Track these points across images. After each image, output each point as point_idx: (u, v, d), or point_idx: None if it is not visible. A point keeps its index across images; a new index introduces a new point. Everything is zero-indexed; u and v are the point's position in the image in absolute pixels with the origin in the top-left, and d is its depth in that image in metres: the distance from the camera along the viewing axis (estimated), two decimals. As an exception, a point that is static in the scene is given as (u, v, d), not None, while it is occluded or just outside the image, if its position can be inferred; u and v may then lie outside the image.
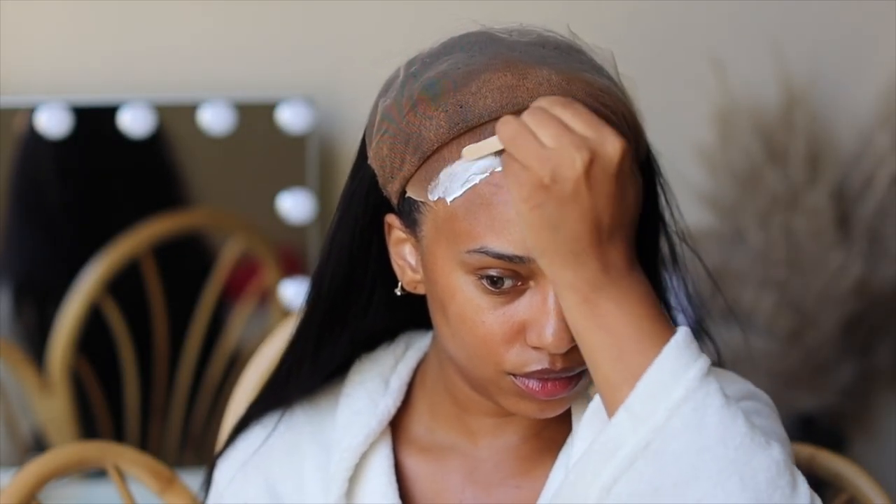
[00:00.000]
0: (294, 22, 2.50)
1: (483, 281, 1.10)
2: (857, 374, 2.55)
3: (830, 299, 2.48)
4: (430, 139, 1.12)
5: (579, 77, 1.11)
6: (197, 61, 2.48)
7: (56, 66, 2.44)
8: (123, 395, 2.46)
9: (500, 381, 1.13)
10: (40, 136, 2.38)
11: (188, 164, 2.47)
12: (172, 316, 2.46)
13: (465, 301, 1.12)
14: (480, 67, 1.11)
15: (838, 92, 2.63)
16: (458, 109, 1.10)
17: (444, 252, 1.12)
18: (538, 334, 1.10)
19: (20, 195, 2.42)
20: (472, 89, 1.10)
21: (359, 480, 1.23)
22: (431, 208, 1.12)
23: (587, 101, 1.09)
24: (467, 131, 1.10)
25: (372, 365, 1.27)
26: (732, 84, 2.53)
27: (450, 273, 1.12)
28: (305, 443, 1.27)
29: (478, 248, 1.10)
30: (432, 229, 1.13)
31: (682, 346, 1.04)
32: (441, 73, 1.13)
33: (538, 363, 1.11)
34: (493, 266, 1.09)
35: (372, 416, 1.23)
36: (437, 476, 1.23)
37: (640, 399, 1.03)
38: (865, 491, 1.40)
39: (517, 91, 1.10)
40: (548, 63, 1.11)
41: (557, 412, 1.15)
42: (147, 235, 2.43)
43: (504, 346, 1.12)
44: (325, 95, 2.48)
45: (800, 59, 2.57)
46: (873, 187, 2.52)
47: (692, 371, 1.04)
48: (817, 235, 2.47)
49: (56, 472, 1.39)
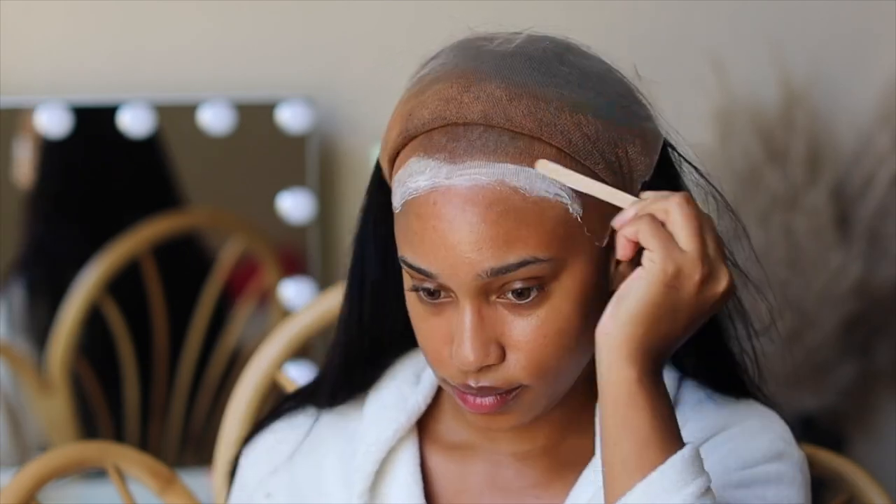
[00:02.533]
0: (294, 22, 2.50)
1: (418, 291, 1.12)
2: (857, 374, 2.55)
3: (830, 299, 2.48)
4: (390, 145, 1.13)
5: (531, 93, 1.09)
6: (197, 61, 2.48)
7: (56, 66, 2.44)
8: (123, 395, 2.46)
9: (449, 389, 1.15)
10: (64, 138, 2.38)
11: (188, 164, 2.47)
12: (172, 316, 2.46)
13: (411, 307, 1.14)
14: (440, 76, 1.12)
15: (838, 92, 2.62)
16: (407, 118, 1.11)
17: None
18: (452, 350, 1.11)
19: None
20: (422, 99, 1.11)
21: (384, 476, 1.22)
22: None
23: (524, 120, 1.08)
24: (410, 140, 1.11)
25: (405, 358, 1.26)
26: (732, 84, 2.53)
27: (404, 277, 1.14)
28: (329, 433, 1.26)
29: (402, 256, 1.12)
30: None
31: (687, 460, 1.05)
32: (416, 80, 1.14)
33: (459, 377, 1.12)
34: (414, 277, 1.11)
35: (401, 412, 1.22)
36: (459, 476, 1.22)
37: (637, 499, 1.04)
38: (865, 491, 1.40)
39: (451, 104, 1.10)
40: (504, 75, 1.10)
41: (502, 427, 1.15)
42: (147, 235, 2.43)
43: (439, 355, 1.13)
44: (325, 95, 2.48)
45: (800, 59, 2.57)
46: (873, 187, 2.52)
47: (691, 487, 1.04)
48: (817, 235, 2.47)
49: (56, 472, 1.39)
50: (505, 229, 1.08)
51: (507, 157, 1.08)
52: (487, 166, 1.08)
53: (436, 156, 1.09)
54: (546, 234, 1.08)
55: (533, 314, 1.10)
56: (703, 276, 1.06)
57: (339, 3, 2.50)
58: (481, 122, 1.09)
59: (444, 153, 1.09)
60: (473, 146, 1.09)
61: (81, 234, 2.45)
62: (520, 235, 1.08)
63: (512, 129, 1.09)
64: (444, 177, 1.09)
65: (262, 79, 2.49)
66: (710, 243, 1.07)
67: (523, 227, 1.08)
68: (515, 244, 1.08)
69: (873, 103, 2.59)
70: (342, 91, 2.49)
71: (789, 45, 2.56)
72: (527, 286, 1.09)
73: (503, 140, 1.09)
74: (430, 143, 1.10)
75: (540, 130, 1.09)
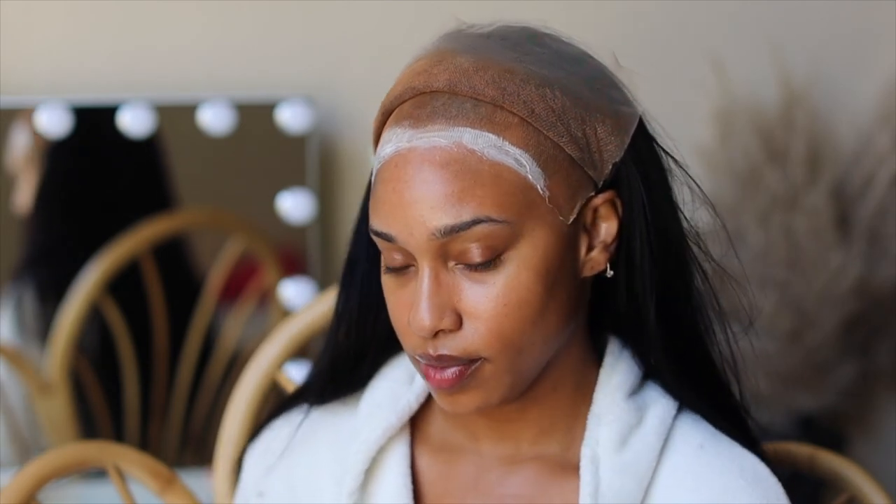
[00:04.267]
0: (294, 22, 2.50)
1: (389, 272, 1.14)
2: (857, 374, 2.55)
3: (830, 299, 2.48)
4: (374, 127, 1.17)
5: (498, 65, 1.11)
6: (197, 61, 2.48)
7: (56, 66, 2.44)
8: (123, 395, 2.46)
9: (417, 368, 1.15)
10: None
11: (188, 164, 2.46)
12: (172, 316, 2.46)
13: (384, 286, 1.16)
14: (418, 57, 1.15)
15: (838, 92, 2.62)
16: (386, 95, 1.15)
17: None
18: (410, 316, 1.12)
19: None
20: (398, 78, 1.15)
21: (374, 475, 1.22)
22: None
23: (487, 88, 1.10)
24: (387, 117, 1.15)
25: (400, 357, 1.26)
26: (732, 84, 2.53)
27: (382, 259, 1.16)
28: (323, 431, 1.26)
29: (370, 226, 1.14)
30: None
31: None
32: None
33: (420, 346, 1.13)
34: (381, 246, 1.13)
35: (392, 412, 1.23)
36: (445, 478, 1.22)
37: None
38: (865, 491, 1.40)
39: (421, 76, 1.13)
40: (476, 51, 1.13)
41: (468, 407, 1.14)
42: (147, 235, 2.43)
43: (403, 325, 1.14)
44: (325, 95, 2.48)
45: (800, 59, 2.57)
46: (873, 187, 2.52)
47: None
48: (817, 235, 2.47)
49: (56, 472, 1.39)
50: (460, 187, 1.09)
51: (468, 122, 1.10)
52: (447, 130, 1.10)
53: (402, 123, 1.12)
54: (502, 195, 1.09)
55: (490, 282, 1.10)
56: None
57: (339, 3, 2.50)
58: (446, 90, 1.11)
59: (410, 120, 1.12)
60: (436, 112, 1.11)
61: (81, 234, 2.45)
62: (475, 194, 1.09)
63: (475, 96, 1.11)
64: (406, 141, 1.11)
65: (262, 79, 2.49)
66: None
67: (478, 187, 1.09)
68: (470, 202, 1.09)
69: (873, 103, 2.59)
70: (342, 91, 2.49)
71: (789, 45, 2.56)
72: (484, 250, 1.10)
73: (465, 107, 1.11)
74: (401, 113, 1.13)
75: (503, 99, 1.10)
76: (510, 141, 1.10)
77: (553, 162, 1.11)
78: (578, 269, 1.14)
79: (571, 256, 1.13)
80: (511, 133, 1.10)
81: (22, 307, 2.44)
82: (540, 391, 1.18)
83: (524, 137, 1.10)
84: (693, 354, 1.19)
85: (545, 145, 1.11)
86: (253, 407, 1.49)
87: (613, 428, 1.16)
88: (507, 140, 1.10)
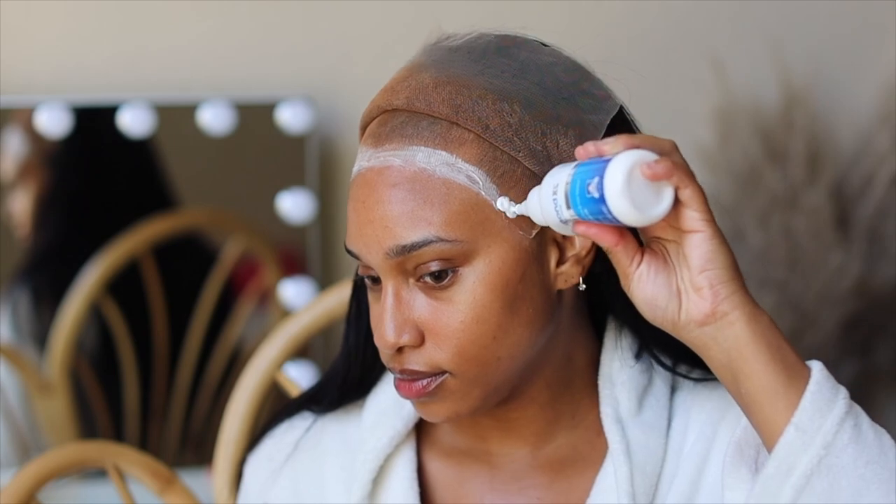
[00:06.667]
0: (294, 22, 2.50)
1: (367, 284, 1.15)
2: (857, 374, 2.55)
3: (830, 299, 2.48)
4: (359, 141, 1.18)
5: (457, 81, 1.12)
6: (197, 61, 2.48)
7: (56, 65, 2.44)
8: (123, 395, 2.46)
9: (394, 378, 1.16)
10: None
11: (188, 164, 2.47)
12: (172, 316, 2.46)
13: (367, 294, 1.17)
14: (399, 69, 1.16)
15: (838, 92, 2.63)
16: (363, 112, 1.16)
17: None
18: (374, 333, 1.14)
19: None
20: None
21: (382, 482, 1.23)
22: None
23: (442, 105, 1.11)
24: (362, 133, 1.16)
25: None
26: (732, 84, 2.53)
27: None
28: (329, 439, 1.27)
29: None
30: None
31: (824, 368, 1.07)
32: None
33: (390, 361, 1.14)
34: (357, 263, 1.14)
35: (398, 418, 1.23)
36: (458, 481, 1.23)
37: (808, 415, 1.04)
38: (865, 491, 1.40)
39: (386, 94, 1.14)
40: (439, 66, 1.13)
41: (438, 416, 1.15)
42: (147, 235, 2.43)
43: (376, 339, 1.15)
44: (325, 95, 2.48)
45: (800, 59, 2.57)
46: (873, 187, 2.52)
47: (842, 390, 1.06)
48: (817, 235, 2.47)
49: (56, 472, 1.39)
50: (410, 208, 1.10)
51: (422, 140, 1.11)
52: (402, 149, 1.11)
53: (367, 142, 1.14)
54: (452, 214, 1.10)
55: (447, 298, 1.11)
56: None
57: (339, 3, 2.50)
58: (405, 108, 1.12)
59: (372, 139, 1.13)
60: (394, 131, 1.12)
61: (81, 234, 2.45)
62: (424, 215, 1.10)
63: (431, 114, 1.11)
64: (367, 160, 1.13)
65: (262, 79, 2.49)
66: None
67: (427, 207, 1.10)
68: (419, 223, 1.10)
69: (873, 103, 2.59)
70: (342, 91, 2.49)
71: (789, 45, 2.57)
72: (439, 268, 1.10)
73: (422, 125, 1.11)
74: (368, 132, 1.15)
75: (456, 116, 1.11)
76: (464, 158, 1.10)
77: (510, 177, 1.11)
78: (550, 282, 1.14)
79: (538, 270, 1.13)
80: (465, 150, 1.11)
81: (21, 307, 2.44)
82: (534, 390, 1.18)
83: (479, 154, 1.11)
84: (686, 356, 1.20)
85: (501, 160, 1.11)
86: (253, 407, 1.49)
87: (629, 388, 1.18)
88: (461, 157, 1.10)
